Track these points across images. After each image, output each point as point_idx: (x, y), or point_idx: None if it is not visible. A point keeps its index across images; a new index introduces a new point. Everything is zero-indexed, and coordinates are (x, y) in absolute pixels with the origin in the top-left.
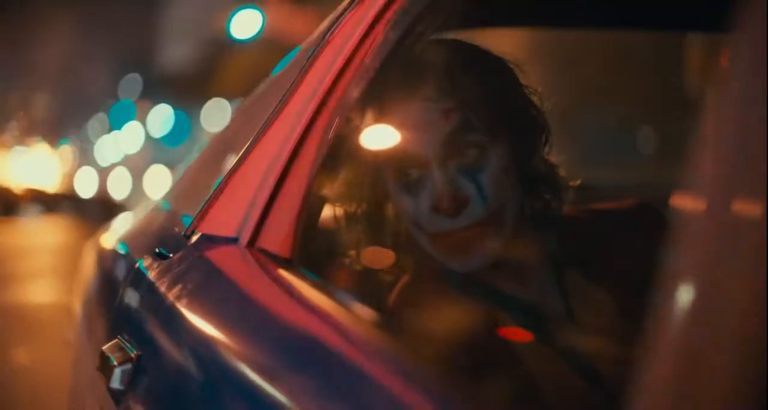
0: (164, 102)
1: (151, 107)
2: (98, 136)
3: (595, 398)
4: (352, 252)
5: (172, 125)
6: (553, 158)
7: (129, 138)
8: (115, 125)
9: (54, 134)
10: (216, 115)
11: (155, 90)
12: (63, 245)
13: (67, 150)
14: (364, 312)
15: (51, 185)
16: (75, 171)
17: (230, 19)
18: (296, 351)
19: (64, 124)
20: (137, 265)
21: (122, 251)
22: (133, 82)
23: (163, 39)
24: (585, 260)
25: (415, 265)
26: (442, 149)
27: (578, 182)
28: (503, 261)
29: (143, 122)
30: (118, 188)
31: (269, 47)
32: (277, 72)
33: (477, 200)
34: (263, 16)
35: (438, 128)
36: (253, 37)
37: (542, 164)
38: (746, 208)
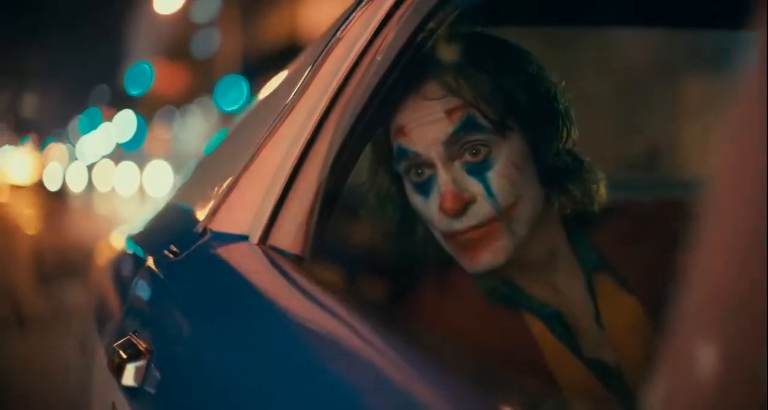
0: (127, 109)
1: (115, 114)
2: (76, 137)
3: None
4: (365, 249)
5: (135, 130)
6: (583, 153)
7: (102, 140)
8: (84, 129)
9: (40, 133)
10: (167, 120)
11: (120, 99)
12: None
13: (53, 148)
14: (378, 309)
15: (28, 180)
16: (51, 167)
17: (126, 76)
18: (307, 349)
19: (48, 125)
20: (148, 262)
21: (133, 249)
22: (102, 91)
23: (129, 56)
24: (616, 263)
25: (435, 263)
26: (444, 149)
27: (607, 178)
28: (528, 261)
29: (110, 127)
30: (75, 181)
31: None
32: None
33: (484, 199)
34: (152, 71)
35: (440, 126)
36: (144, 91)
37: (568, 158)
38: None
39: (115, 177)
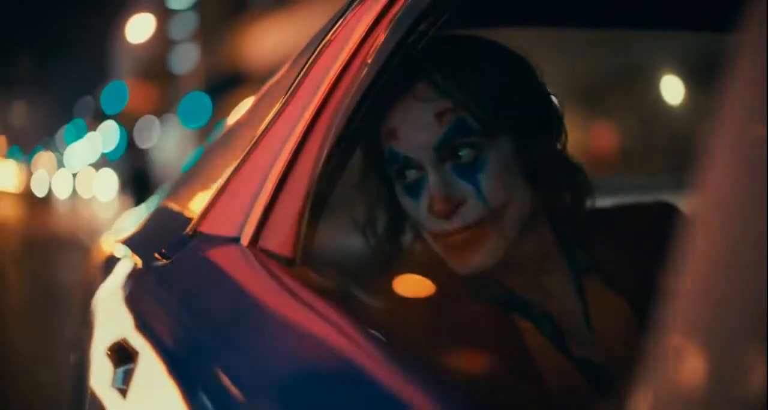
0: (109, 120)
1: (99, 124)
2: (64, 146)
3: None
4: (356, 252)
5: (117, 139)
6: (575, 155)
7: (88, 149)
8: (70, 138)
9: (29, 143)
10: (146, 130)
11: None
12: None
13: (41, 157)
14: (367, 311)
15: (16, 187)
16: (39, 175)
17: (102, 94)
18: (298, 352)
19: (36, 135)
20: (139, 265)
21: (124, 252)
22: (86, 103)
23: (108, 73)
24: (605, 264)
25: (424, 265)
26: (435, 153)
27: (598, 179)
28: (517, 262)
29: (96, 137)
30: (61, 188)
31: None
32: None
33: (474, 200)
34: (127, 89)
35: (430, 130)
36: (119, 109)
37: (557, 160)
38: (750, 211)
39: (95, 184)
